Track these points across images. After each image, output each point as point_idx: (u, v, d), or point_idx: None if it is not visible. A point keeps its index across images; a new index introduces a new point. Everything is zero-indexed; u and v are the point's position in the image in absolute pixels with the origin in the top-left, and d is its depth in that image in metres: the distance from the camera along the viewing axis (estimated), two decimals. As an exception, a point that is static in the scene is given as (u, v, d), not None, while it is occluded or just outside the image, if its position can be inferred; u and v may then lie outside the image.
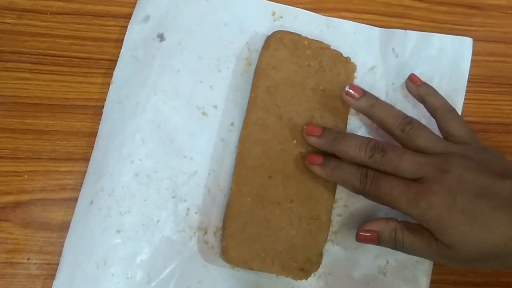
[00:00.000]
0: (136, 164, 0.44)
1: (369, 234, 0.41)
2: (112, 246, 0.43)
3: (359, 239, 0.41)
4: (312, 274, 0.43)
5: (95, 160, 0.45)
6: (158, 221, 0.44)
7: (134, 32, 0.47)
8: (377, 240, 0.41)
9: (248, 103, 0.45)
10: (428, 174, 0.38)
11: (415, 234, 0.39)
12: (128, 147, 0.45)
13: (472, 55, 0.49)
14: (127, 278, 0.42)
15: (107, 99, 0.46)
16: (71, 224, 0.43)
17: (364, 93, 0.43)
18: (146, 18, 0.48)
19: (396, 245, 0.40)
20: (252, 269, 0.43)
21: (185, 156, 0.45)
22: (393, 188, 0.39)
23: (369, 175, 0.40)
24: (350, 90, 0.43)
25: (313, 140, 0.43)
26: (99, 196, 0.44)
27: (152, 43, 0.47)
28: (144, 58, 0.47)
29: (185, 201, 0.45)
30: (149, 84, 0.46)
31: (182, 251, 0.44)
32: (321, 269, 0.43)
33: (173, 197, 0.45)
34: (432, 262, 0.45)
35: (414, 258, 0.43)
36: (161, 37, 0.47)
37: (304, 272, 0.43)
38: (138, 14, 0.48)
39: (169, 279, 0.43)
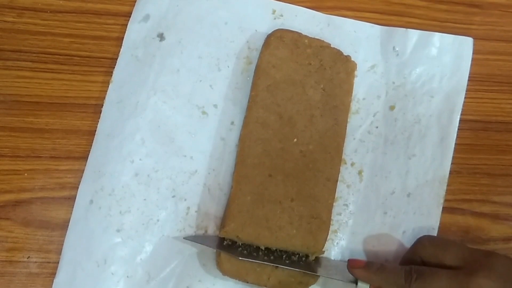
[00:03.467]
0: (136, 163, 0.45)
1: None
2: (112, 245, 0.43)
3: None
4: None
5: (94, 159, 0.45)
6: (158, 220, 0.44)
7: (134, 31, 0.47)
8: None
9: (248, 102, 0.45)
10: (470, 262, 0.39)
11: None
12: (128, 146, 0.45)
13: (473, 54, 0.49)
14: (127, 277, 0.43)
15: (107, 98, 0.46)
16: (70, 223, 0.43)
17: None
18: (146, 17, 0.48)
19: None
20: (247, 282, 0.43)
21: (185, 156, 0.45)
22: (440, 276, 0.38)
23: (413, 270, 0.39)
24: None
25: (359, 273, 0.41)
26: (99, 195, 0.44)
27: (152, 43, 0.47)
28: (144, 58, 0.47)
29: (185, 200, 0.45)
30: (149, 83, 0.46)
31: (182, 250, 0.44)
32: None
33: (173, 196, 0.45)
34: None
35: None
36: (161, 37, 0.47)
37: (302, 285, 0.43)
38: (138, 13, 0.48)
39: (169, 278, 0.43)
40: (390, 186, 0.46)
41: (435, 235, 0.45)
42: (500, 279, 0.37)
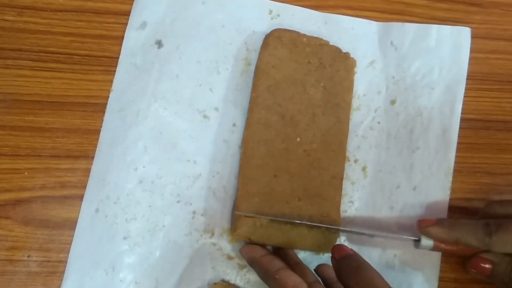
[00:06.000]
0: (140, 171, 0.45)
1: (486, 266, 0.40)
2: (120, 252, 0.43)
3: (473, 266, 0.40)
4: None
5: (98, 168, 0.45)
6: (164, 226, 0.44)
7: (132, 39, 0.48)
8: (490, 272, 0.40)
9: (250, 103, 0.45)
10: None
11: None
12: (131, 154, 0.45)
13: (472, 52, 0.49)
14: (136, 283, 0.43)
15: (108, 107, 0.46)
16: (76, 232, 0.43)
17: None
18: (143, 25, 0.48)
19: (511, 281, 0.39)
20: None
21: (189, 160, 0.45)
22: None
23: (491, 223, 0.39)
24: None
25: (432, 230, 0.40)
26: (104, 204, 0.44)
27: (150, 50, 0.47)
28: (143, 65, 0.47)
29: (190, 204, 0.45)
30: (149, 91, 0.46)
31: (189, 254, 0.44)
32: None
33: (178, 201, 0.45)
34: (440, 254, 0.45)
35: (422, 250, 0.43)
36: (159, 44, 0.48)
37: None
38: (134, 20, 0.48)
39: (178, 282, 0.43)
40: (395, 180, 0.46)
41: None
42: None
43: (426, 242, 0.41)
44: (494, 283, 0.41)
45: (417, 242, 0.41)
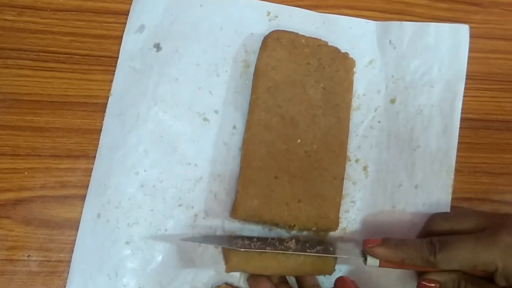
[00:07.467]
0: (141, 175, 0.45)
1: (432, 285, 0.40)
2: (123, 257, 0.43)
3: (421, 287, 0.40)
4: None
5: (98, 172, 0.45)
6: (166, 229, 0.44)
7: (130, 42, 0.47)
8: None
9: (250, 105, 0.45)
10: (490, 224, 0.39)
11: (480, 286, 0.39)
12: (132, 158, 0.45)
13: (472, 51, 0.49)
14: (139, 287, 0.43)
15: (107, 111, 0.46)
16: (78, 237, 0.43)
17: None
18: (141, 28, 0.48)
19: None
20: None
21: (189, 163, 0.45)
22: (465, 241, 0.38)
23: (434, 241, 0.39)
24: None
25: (377, 250, 0.40)
26: (106, 208, 0.44)
27: (149, 53, 0.47)
28: (141, 69, 0.47)
29: (192, 207, 0.45)
30: (149, 94, 0.46)
31: (192, 257, 0.44)
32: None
33: (180, 205, 0.45)
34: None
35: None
36: (157, 47, 0.48)
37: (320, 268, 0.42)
38: (132, 24, 0.48)
39: (181, 286, 0.43)
40: (396, 179, 0.46)
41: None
42: None
43: (372, 261, 0.41)
44: None
45: (365, 260, 0.41)
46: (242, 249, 0.40)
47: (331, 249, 0.42)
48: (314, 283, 0.42)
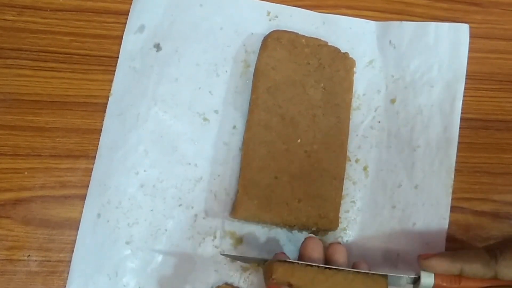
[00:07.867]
0: (141, 175, 0.45)
1: None
2: (123, 257, 0.43)
3: None
4: None
5: (98, 173, 0.45)
6: (166, 230, 0.44)
7: (130, 43, 0.48)
8: None
9: (250, 105, 0.45)
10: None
11: None
12: (132, 158, 0.45)
13: (471, 51, 0.49)
14: None
15: (107, 111, 0.46)
16: (78, 237, 0.43)
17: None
18: (141, 28, 0.48)
19: None
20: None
21: (189, 163, 0.45)
22: None
23: (493, 247, 0.37)
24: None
25: (433, 262, 0.38)
26: (106, 208, 0.44)
27: (149, 53, 0.47)
28: (141, 69, 0.47)
29: (192, 207, 0.45)
30: (149, 94, 0.46)
31: (192, 257, 0.44)
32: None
33: (180, 205, 0.45)
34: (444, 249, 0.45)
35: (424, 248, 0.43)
36: (157, 47, 0.48)
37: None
38: (132, 24, 0.48)
39: (181, 286, 0.43)
40: (396, 179, 0.46)
41: (446, 225, 0.45)
42: None
43: (427, 279, 0.38)
44: None
45: (416, 281, 0.39)
46: (288, 260, 0.38)
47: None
48: None
